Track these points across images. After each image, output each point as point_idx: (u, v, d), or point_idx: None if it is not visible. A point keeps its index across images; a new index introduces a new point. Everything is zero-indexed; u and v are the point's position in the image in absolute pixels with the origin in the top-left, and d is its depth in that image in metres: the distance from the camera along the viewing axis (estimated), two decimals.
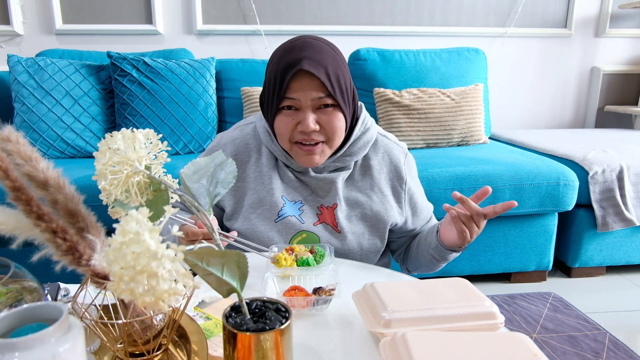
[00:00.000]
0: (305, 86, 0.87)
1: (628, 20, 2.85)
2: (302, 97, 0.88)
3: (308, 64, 0.86)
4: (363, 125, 1.00)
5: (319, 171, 0.99)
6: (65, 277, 0.77)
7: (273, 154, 1.01)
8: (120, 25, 2.43)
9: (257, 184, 0.99)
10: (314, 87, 0.88)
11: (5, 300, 0.56)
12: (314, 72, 0.86)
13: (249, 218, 0.98)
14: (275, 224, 0.97)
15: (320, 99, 0.88)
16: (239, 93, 2.27)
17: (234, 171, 0.54)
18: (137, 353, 0.55)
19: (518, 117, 2.92)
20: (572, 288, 2.01)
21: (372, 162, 1.01)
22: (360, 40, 2.58)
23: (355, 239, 0.97)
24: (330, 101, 0.89)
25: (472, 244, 1.95)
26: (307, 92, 0.88)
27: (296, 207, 0.98)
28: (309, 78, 0.87)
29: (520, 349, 0.53)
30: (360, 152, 1.00)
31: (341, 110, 0.91)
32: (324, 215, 0.98)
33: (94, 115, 2.09)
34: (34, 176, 0.49)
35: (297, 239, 0.97)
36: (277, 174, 1.00)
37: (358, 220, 0.99)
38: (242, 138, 1.03)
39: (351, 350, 0.62)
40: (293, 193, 0.99)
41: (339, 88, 0.90)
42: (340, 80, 0.90)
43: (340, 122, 0.92)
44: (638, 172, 1.95)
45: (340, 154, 0.98)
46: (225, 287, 0.46)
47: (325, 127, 0.91)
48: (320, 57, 0.88)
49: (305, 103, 0.89)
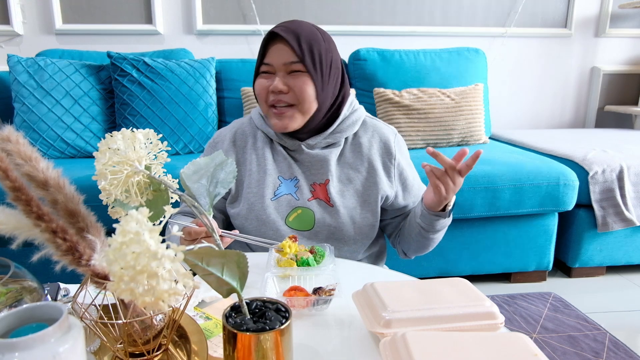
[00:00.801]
0: (278, 51, 0.96)
1: (628, 20, 2.85)
2: (275, 60, 0.97)
3: (282, 29, 0.96)
4: (351, 107, 1.07)
5: (311, 147, 1.04)
6: (65, 277, 0.77)
7: (267, 136, 1.07)
8: (120, 25, 2.43)
9: (254, 166, 1.05)
10: (285, 52, 0.96)
11: (5, 300, 0.56)
12: (284, 36, 0.95)
13: (248, 198, 1.02)
14: (272, 202, 1.01)
15: (291, 63, 0.96)
16: (239, 93, 2.27)
17: (234, 171, 0.54)
18: (137, 353, 0.55)
19: (518, 117, 2.92)
20: (572, 288, 2.01)
21: (362, 140, 1.07)
22: (360, 40, 2.58)
23: (348, 213, 1.01)
24: (300, 67, 0.96)
25: (473, 244, 1.95)
26: (279, 56, 0.96)
27: (292, 185, 1.04)
28: (282, 44, 0.96)
29: (520, 349, 0.53)
30: (349, 129, 1.05)
31: (311, 77, 0.97)
32: (317, 192, 1.03)
33: (94, 115, 2.09)
34: (34, 176, 0.49)
35: (293, 215, 1.01)
36: (271, 154, 1.06)
37: (350, 195, 1.03)
38: (239, 127, 1.11)
39: (351, 350, 0.62)
40: (288, 171, 1.04)
41: (310, 56, 0.96)
42: (313, 50, 0.97)
43: (308, 87, 0.97)
44: (638, 172, 1.95)
45: (331, 131, 1.04)
46: (225, 287, 0.46)
47: (294, 89, 0.97)
48: (296, 27, 0.97)
49: (277, 67, 0.97)
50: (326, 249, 0.85)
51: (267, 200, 1.01)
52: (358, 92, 2.35)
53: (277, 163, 1.05)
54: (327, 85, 1.00)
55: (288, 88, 0.96)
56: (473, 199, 1.84)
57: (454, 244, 1.95)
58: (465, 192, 1.83)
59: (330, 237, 1.00)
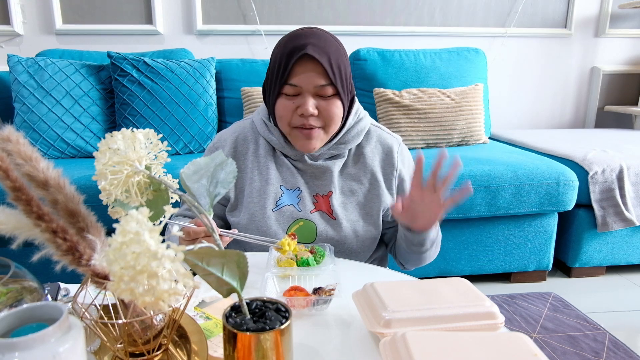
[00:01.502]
0: (308, 71, 0.90)
1: (628, 20, 2.85)
2: (305, 82, 0.91)
3: (312, 49, 0.89)
4: (356, 116, 1.03)
5: (314, 159, 1.01)
6: (65, 277, 0.77)
7: (270, 144, 1.03)
8: (120, 25, 2.43)
9: (255, 174, 1.02)
10: (316, 74, 0.90)
11: (5, 300, 0.56)
12: (317, 57, 0.89)
13: (249, 207, 1.00)
14: (273, 212, 0.99)
15: (322, 87, 0.91)
16: (239, 93, 2.27)
17: (234, 171, 0.54)
18: (137, 353, 0.55)
19: (518, 117, 2.92)
20: (572, 288, 2.01)
21: (365, 150, 1.04)
22: (360, 40, 2.58)
23: (350, 226, 0.99)
24: (332, 90, 0.92)
25: (473, 244, 1.95)
26: (310, 78, 0.90)
27: (294, 195, 1.01)
28: (313, 64, 0.90)
29: (520, 349, 0.53)
30: (354, 140, 1.02)
31: (340, 99, 0.94)
32: (319, 204, 1.01)
33: (94, 115, 2.09)
34: (34, 176, 0.49)
35: (295, 227, 0.99)
36: (274, 163, 1.02)
37: (352, 208, 1.01)
38: (240, 131, 1.06)
39: (351, 350, 0.62)
40: (291, 181, 1.01)
41: (339, 77, 0.92)
42: (341, 69, 0.93)
43: (338, 110, 0.94)
44: (638, 172, 1.95)
45: (335, 142, 1.01)
46: (225, 287, 0.46)
47: (324, 113, 0.93)
48: (325, 44, 0.91)
49: (306, 88, 0.91)
50: (326, 249, 0.85)
51: (268, 211, 0.98)
52: (358, 92, 2.35)
53: (279, 172, 1.02)
54: (347, 101, 0.98)
55: (318, 111, 0.93)
56: (473, 199, 1.84)
57: (454, 244, 1.95)
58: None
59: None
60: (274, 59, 0.95)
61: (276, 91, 0.94)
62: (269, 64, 0.98)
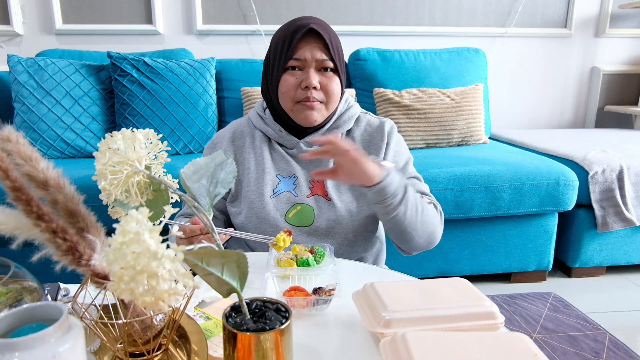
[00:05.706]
0: (312, 45, 0.98)
1: (628, 20, 2.85)
2: (308, 55, 0.98)
3: (316, 26, 0.97)
4: (347, 103, 1.10)
5: (309, 146, 1.07)
6: (65, 277, 0.77)
7: (266, 135, 1.09)
8: (120, 25, 2.43)
9: (252, 165, 1.07)
10: (319, 48, 0.98)
11: (5, 300, 0.56)
12: (321, 32, 0.96)
13: (247, 196, 1.04)
14: (271, 199, 1.02)
15: (323, 60, 0.98)
16: (239, 93, 2.27)
17: (234, 171, 0.54)
18: (137, 353, 0.55)
19: (518, 117, 2.92)
20: (572, 288, 2.01)
21: (354, 135, 1.09)
22: (360, 40, 2.58)
23: (345, 207, 1.02)
24: (331, 65, 0.99)
25: (472, 244, 1.95)
26: (313, 51, 0.98)
27: (291, 182, 1.05)
28: (316, 40, 0.98)
29: (520, 349, 0.53)
30: (345, 124, 1.08)
31: (338, 76, 1.01)
32: (315, 188, 1.05)
33: (94, 115, 2.09)
34: (34, 176, 0.49)
35: (293, 212, 1.02)
36: (269, 153, 1.08)
37: (346, 189, 1.05)
38: (237, 127, 1.13)
39: (351, 350, 0.62)
40: (287, 169, 1.06)
41: (338, 56, 1.00)
42: (339, 51, 1.01)
43: (337, 86, 1.01)
44: (638, 172, 1.95)
45: (328, 127, 1.07)
46: (225, 287, 0.46)
47: (325, 88, 1.00)
48: (325, 25, 1.01)
49: (310, 62, 0.98)
50: (326, 249, 0.85)
51: (266, 197, 1.02)
52: (358, 92, 2.35)
53: (275, 162, 1.07)
54: (344, 82, 1.04)
55: (320, 86, 0.99)
56: (473, 199, 1.84)
57: (454, 244, 1.95)
58: (465, 192, 1.83)
59: (331, 232, 1.01)
60: (276, 41, 1.01)
61: (281, 67, 0.99)
62: (270, 48, 1.04)
